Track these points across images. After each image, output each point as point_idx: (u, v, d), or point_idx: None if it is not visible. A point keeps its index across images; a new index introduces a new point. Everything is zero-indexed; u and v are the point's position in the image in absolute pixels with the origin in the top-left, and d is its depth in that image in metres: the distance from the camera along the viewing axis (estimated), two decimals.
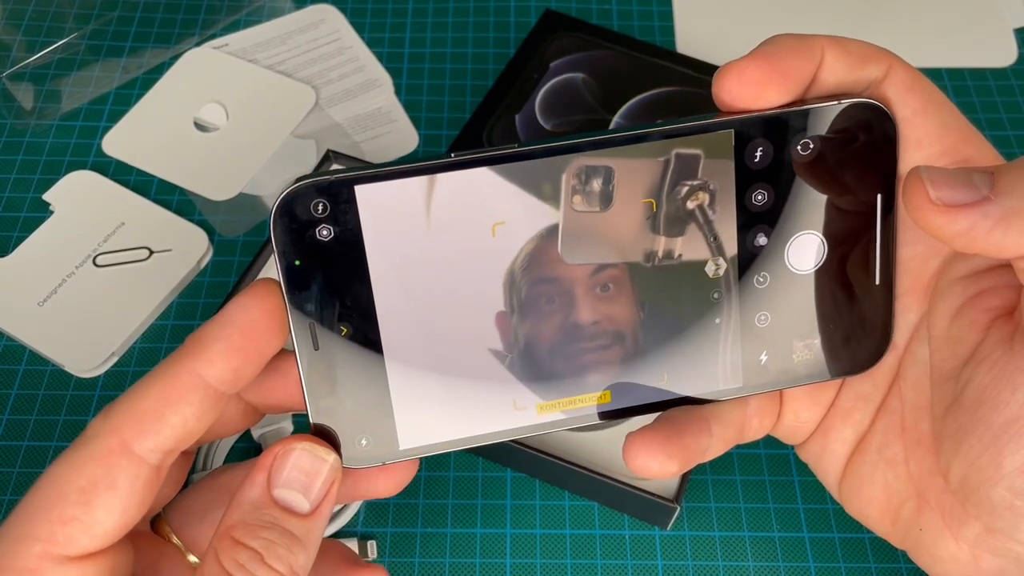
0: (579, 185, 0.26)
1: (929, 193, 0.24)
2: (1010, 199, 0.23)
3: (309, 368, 0.26)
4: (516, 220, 0.26)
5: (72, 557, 0.24)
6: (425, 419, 0.27)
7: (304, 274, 0.25)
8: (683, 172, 0.26)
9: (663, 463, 0.27)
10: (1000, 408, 0.25)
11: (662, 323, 0.28)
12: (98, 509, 0.24)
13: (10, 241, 0.51)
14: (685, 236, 0.27)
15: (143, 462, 0.25)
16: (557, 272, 0.27)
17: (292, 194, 0.25)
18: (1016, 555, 0.27)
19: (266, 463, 0.26)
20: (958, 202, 0.24)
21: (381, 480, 0.29)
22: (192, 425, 0.25)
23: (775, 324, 0.28)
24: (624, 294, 0.27)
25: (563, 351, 0.27)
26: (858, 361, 0.28)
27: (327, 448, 0.26)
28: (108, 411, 0.25)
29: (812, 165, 0.26)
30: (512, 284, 0.27)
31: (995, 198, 0.23)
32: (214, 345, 0.25)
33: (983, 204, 0.23)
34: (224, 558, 0.24)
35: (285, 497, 0.26)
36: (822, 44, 0.25)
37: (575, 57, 0.56)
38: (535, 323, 0.27)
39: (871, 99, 0.26)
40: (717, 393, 0.28)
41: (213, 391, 0.25)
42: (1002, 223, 0.23)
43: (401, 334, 0.26)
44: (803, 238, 0.27)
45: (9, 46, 0.59)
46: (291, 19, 0.61)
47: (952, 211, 0.24)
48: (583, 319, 0.27)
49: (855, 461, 0.30)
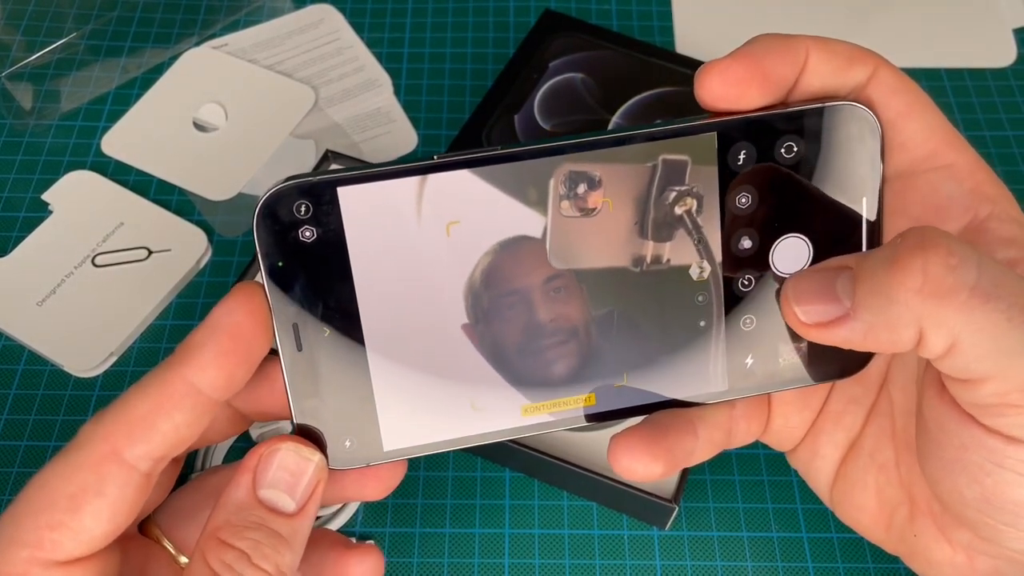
0: (567, 191, 0.26)
1: (797, 314, 0.25)
2: (867, 314, 0.24)
3: (292, 369, 0.26)
4: (487, 223, 0.26)
5: (59, 562, 0.24)
6: (409, 420, 0.27)
7: (287, 275, 0.25)
8: (671, 178, 0.26)
9: (647, 464, 0.27)
10: (943, 445, 0.25)
11: (647, 326, 0.28)
12: (86, 516, 0.24)
13: (9, 241, 0.51)
14: (672, 241, 0.27)
15: (133, 469, 0.25)
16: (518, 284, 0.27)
17: (275, 195, 0.25)
18: (1009, 558, 0.27)
19: (251, 464, 0.26)
20: (824, 319, 0.24)
21: (370, 484, 0.29)
22: (183, 432, 0.25)
23: (760, 328, 0.28)
24: (576, 296, 0.27)
25: (531, 350, 0.27)
26: (845, 365, 0.28)
27: (312, 448, 0.26)
28: (99, 417, 0.25)
29: (796, 168, 0.26)
30: (472, 293, 0.27)
31: (854, 314, 0.24)
32: (204, 351, 0.25)
33: (846, 321, 0.24)
34: (211, 559, 0.24)
35: (270, 497, 0.26)
36: (807, 45, 0.25)
37: (574, 57, 0.56)
38: (501, 328, 0.27)
39: (856, 102, 0.26)
40: (703, 396, 0.28)
41: (205, 398, 0.25)
42: (870, 336, 0.24)
43: (384, 335, 0.26)
44: (788, 241, 0.27)
45: (8, 46, 0.59)
46: (290, 19, 0.62)
47: (823, 328, 0.25)
48: (543, 318, 0.27)
49: (847, 466, 0.30)
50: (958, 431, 0.24)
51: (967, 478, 0.25)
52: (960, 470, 0.25)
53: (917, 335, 0.23)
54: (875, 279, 0.23)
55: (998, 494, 0.24)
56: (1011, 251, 0.26)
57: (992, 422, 0.23)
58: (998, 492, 0.24)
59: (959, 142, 0.27)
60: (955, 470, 0.25)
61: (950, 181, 0.26)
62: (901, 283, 0.23)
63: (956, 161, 0.27)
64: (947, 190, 0.26)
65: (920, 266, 0.22)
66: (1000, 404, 0.23)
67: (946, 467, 0.25)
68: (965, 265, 0.22)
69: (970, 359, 0.23)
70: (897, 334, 0.23)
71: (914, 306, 0.23)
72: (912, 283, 0.22)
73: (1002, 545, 0.26)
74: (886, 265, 0.23)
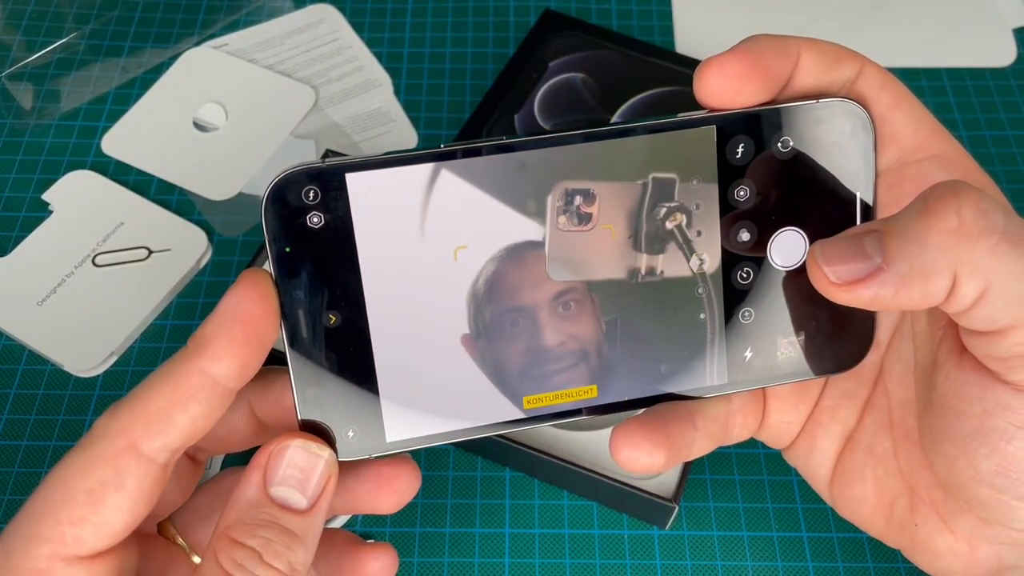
0: (564, 206, 0.26)
1: (827, 274, 0.25)
2: (900, 264, 0.24)
3: (297, 355, 0.26)
4: (494, 233, 0.26)
5: (81, 557, 0.24)
6: (413, 411, 0.27)
7: (294, 261, 0.25)
8: (661, 194, 0.27)
9: (650, 453, 0.27)
10: (963, 417, 0.25)
11: (650, 324, 0.28)
12: (106, 509, 0.24)
13: (9, 241, 0.51)
14: (669, 243, 0.27)
15: (151, 462, 0.25)
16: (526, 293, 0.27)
17: (283, 180, 0.25)
18: (1014, 540, 0.27)
19: (261, 461, 0.26)
20: (855, 277, 0.24)
21: (382, 495, 0.28)
22: (200, 424, 0.25)
23: (759, 321, 0.28)
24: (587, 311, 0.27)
25: (538, 375, 0.28)
26: (842, 359, 0.29)
27: (321, 444, 0.26)
28: (115, 411, 0.25)
29: (793, 162, 0.27)
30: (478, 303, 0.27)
31: (887, 266, 0.24)
32: (218, 341, 0.25)
33: (879, 275, 0.24)
34: (223, 558, 0.24)
35: (282, 494, 0.26)
36: (798, 44, 0.26)
37: (574, 57, 0.56)
38: (506, 339, 0.27)
39: (848, 97, 0.27)
40: (703, 389, 0.29)
41: (221, 388, 0.25)
42: (903, 290, 0.24)
43: (389, 324, 0.26)
44: (785, 235, 0.28)
45: (8, 46, 0.59)
46: (290, 19, 0.62)
47: (853, 287, 0.25)
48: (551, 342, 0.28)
49: (844, 459, 0.30)
50: (980, 395, 0.25)
51: (987, 448, 0.25)
52: (980, 441, 0.25)
53: (950, 282, 0.23)
54: (907, 230, 0.24)
55: (1018, 460, 0.25)
56: None
57: (1017, 376, 0.24)
58: (1018, 458, 0.25)
59: (944, 133, 0.28)
60: (974, 442, 0.25)
61: (940, 170, 0.27)
62: (936, 226, 0.23)
63: (944, 151, 0.27)
64: (938, 179, 0.27)
65: (955, 208, 0.23)
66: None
67: (963, 441, 0.25)
68: (995, 211, 0.23)
69: (1000, 306, 0.23)
70: (931, 282, 0.24)
71: (949, 249, 0.23)
72: (948, 224, 0.23)
73: (1011, 526, 0.26)
74: (918, 214, 0.24)
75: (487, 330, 0.27)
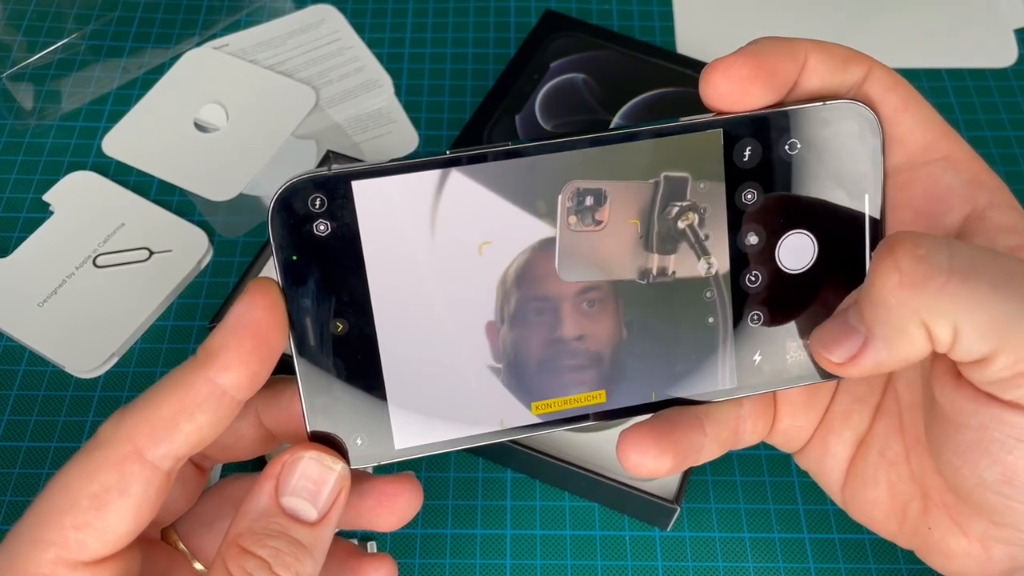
0: (574, 205, 0.26)
1: (829, 359, 0.26)
2: (878, 329, 0.25)
3: (305, 363, 0.26)
4: (507, 234, 0.26)
5: (85, 562, 0.24)
6: (421, 418, 0.27)
7: (301, 269, 0.25)
8: (673, 193, 0.27)
9: (657, 458, 0.27)
10: (962, 430, 0.25)
11: (660, 328, 0.28)
12: (111, 515, 0.24)
13: (10, 242, 0.51)
14: (680, 243, 0.27)
15: (156, 469, 0.25)
16: (547, 287, 0.27)
17: (290, 189, 0.25)
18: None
19: (274, 471, 0.26)
20: (852, 353, 0.25)
21: (384, 513, 0.29)
22: (206, 433, 0.25)
23: (768, 324, 0.28)
24: (610, 312, 0.28)
25: (554, 360, 0.28)
26: None
27: (335, 456, 0.26)
28: (121, 417, 0.25)
29: (801, 164, 0.27)
30: (504, 294, 0.27)
31: (871, 334, 0.25)
32: (227, 352, 0.25)
33: (869, 344, 0.25)
34: (232, 566, 0.24)
35: (293, 505, 0.26)
36: (805, 46, 0.26)
37: (575, 57, 0.56)
38: (524, 333, 0.27)
39: (856, 99, 0.27)
40: (713, 393, 0.28)
41: (229, 399, 0.25)
42: (892, 351, 0.25)
43: (397, 331, 0.26)
44: (794, 237, 0.28)
45: (9, 46, 0.59)
46: (291, 19, 0.61)
47: (855, 362, 0.25)
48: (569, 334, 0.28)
49: (857, 464, 0.30)
50: (977, 413, 0.25)
51: (988, 459, 0.25)
52: (981, 452, 0.25)
53: (925, 331, 0.24)
54: (871, 295, 0.24)
55: (1020, 470, 0.25)
56: (1012, 238, 0.26)
57: (1012, 395, 0.24)
58: (1020, 468, 0.25)
59: (953, 134, 0.27)
60: (975, 453, 0.25)
61: (949, 172, 0.27)
62: (884, 286, 0.24)
63: (952, 152, 0.27)
64: (947, 181, 0.27)
65: (893, 265, 0.24)
66: (1014, 375, 0.23)
67: (965, 452, 0.25)
68: (934, 252, 0.23)
69: (973, 339, 0.23)
70: (909, 337, 0.24)
71: (907, 303, 0.23)
72: (892, 282, 0.24)
73: (1022, 528, 0.26)
74: (870, 279, 0.24)
75: (511, 317, 0.27)
